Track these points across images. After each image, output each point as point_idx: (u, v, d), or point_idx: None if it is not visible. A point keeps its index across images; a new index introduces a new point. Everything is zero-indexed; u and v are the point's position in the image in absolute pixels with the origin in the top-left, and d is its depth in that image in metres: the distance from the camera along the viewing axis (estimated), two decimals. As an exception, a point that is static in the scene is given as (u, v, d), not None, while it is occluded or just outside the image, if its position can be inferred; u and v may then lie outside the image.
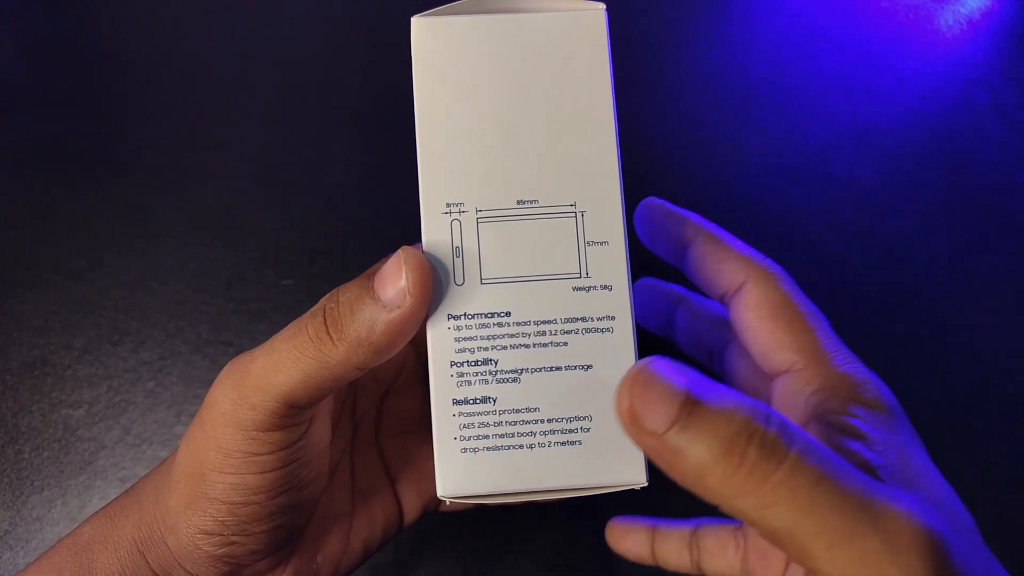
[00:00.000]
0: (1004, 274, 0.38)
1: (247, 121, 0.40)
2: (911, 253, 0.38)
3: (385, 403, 0.28)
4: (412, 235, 0.21)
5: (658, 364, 0.17)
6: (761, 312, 0.23)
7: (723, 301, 0.25)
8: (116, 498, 0.24)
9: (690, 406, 0.16)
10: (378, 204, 0.38)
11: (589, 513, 0.33)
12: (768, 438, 0.16)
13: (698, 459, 0.16)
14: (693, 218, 0.25)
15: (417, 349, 0.29)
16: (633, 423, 0.17)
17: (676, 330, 0.29)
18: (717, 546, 0.24)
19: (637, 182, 0.39)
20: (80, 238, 0.38)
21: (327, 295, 0.20)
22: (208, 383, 0.35)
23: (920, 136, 0.40)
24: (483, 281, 0.20)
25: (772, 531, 0.16)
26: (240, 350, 0.35)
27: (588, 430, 0.20)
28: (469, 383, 0.20)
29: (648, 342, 0.31)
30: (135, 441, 0.35)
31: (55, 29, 0.42)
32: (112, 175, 0.39)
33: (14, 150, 0.39)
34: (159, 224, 0.38)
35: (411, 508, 0.27)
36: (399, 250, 0.19)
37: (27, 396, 0.35)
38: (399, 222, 0.38)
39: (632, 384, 0.17)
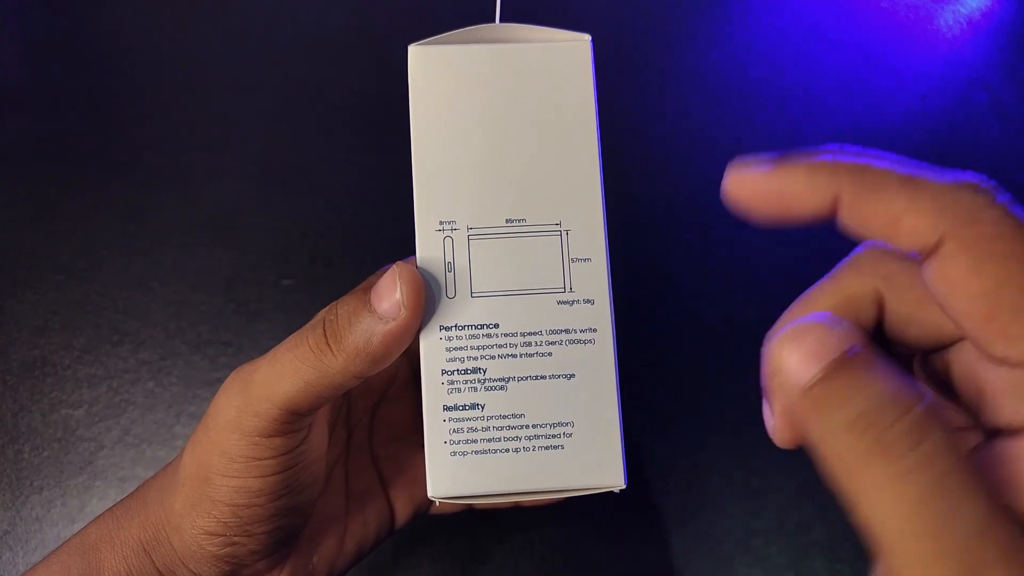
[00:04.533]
0: (1004, 274, 0.38)
1: (247, 121, 0.40)
2: (911, 253, 0.38)
3: (378, 412, 0.29)
4: (411, 235, 0.21)
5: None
6: (970, 292, 0.15)
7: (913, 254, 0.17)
8: (121, 500, 0.24)
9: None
10: (378, 204, 0.38)
11: (587, 513, 0.33)
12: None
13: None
14: (828, 159, 0.17)
15: (409, 360, 0.30)
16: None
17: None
18: None
19: (638, 182, 0.39)
20: (80, 238, 0.38)
21: (326, 308, 0.21)
22: (208, 383, 0.35)
23: (920, 136, 0.40)
24: (473, 294, 0.21)
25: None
26: (240, 350, 0.36)
27: (570, 435, 0.21)
28: (459, 390, 0.21)
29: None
30: (135, 441, 0.35)
31: (55, 29, 0.42)
32: (112, 175, 0.39)
33: (14, 150, 0.39)
34: (159, 224, 0.38)
35: (403, 511, 0.28)
36: (394, 265, 0.20)
37: (27, 396, 0.35)
38: (399, 222, 0.38)
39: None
